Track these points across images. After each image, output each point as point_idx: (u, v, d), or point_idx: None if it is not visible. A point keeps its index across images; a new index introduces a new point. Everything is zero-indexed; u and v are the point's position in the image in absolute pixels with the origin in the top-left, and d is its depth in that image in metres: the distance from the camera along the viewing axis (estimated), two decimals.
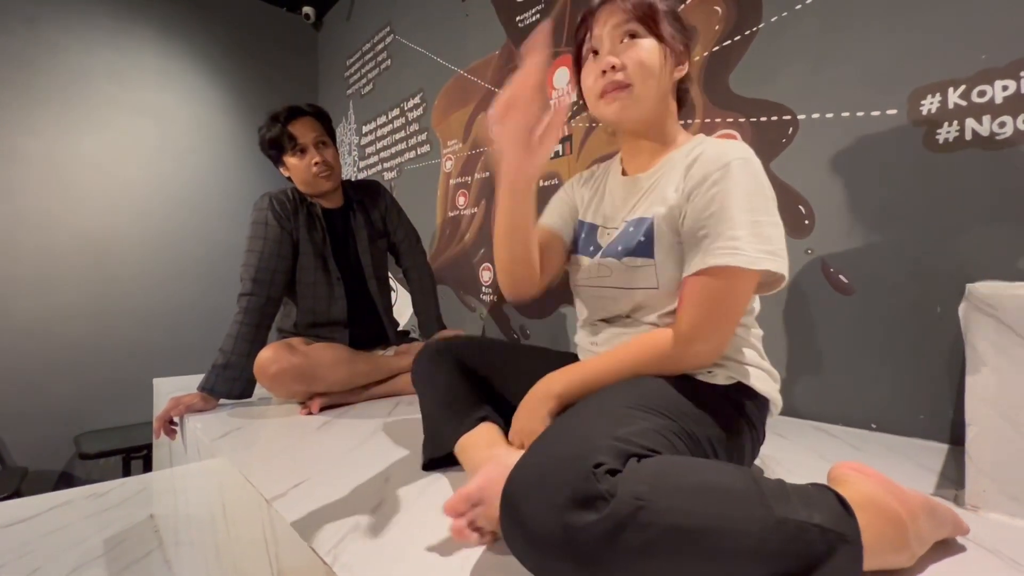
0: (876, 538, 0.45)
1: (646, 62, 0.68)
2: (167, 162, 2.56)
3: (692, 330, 0.62)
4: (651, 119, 0.73)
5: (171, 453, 1.35)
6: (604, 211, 0.79)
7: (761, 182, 0.64)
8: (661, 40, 0.69)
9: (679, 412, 0.58)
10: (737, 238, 0.60)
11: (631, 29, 0.69)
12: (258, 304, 1.25)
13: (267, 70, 2.91)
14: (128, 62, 2.46)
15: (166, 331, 2.49)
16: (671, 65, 0.71)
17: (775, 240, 0.61)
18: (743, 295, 0.63)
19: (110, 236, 2.38)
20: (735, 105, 1.19)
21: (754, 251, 0.59)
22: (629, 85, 0.68)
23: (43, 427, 2.17)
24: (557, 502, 0.39)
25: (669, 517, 0.39)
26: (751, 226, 0.60)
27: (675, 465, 0.45)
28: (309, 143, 1.31)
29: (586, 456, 0.41)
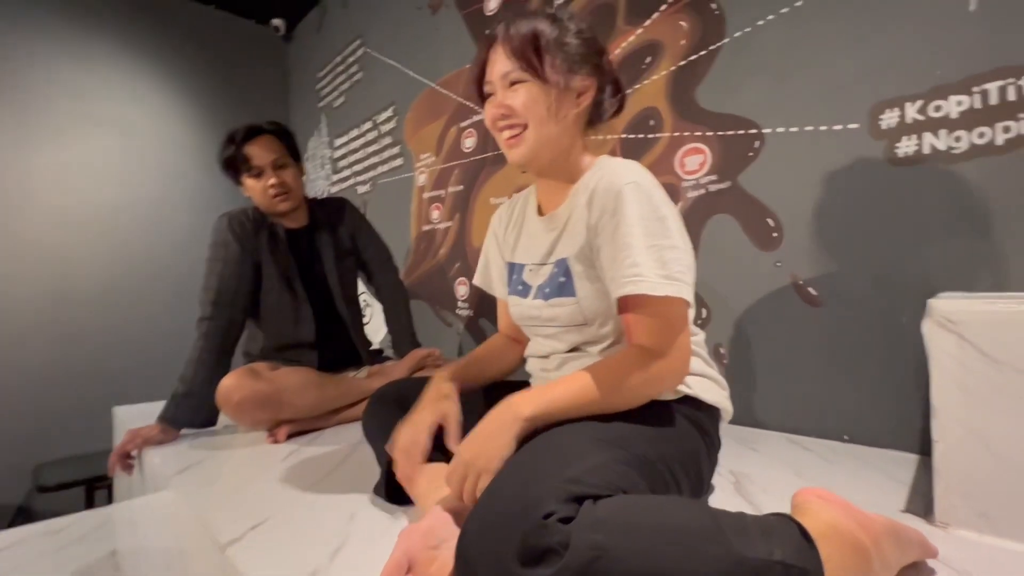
0: (839, 569, 0.45)
1: (529, 107, 0.68)
2: (132, 179, 2.48)
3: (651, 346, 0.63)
4: (555, 157, 0.72)
5: (130, 486, 1.29)
6: (528, 250, 0.80)
7: (655, 204, 0.64)
8: (545, 81, 0.68)
9: (630, 437, 0.58)
10: (637, 264, 0.61)
11: (516, 77, 0.69)
12: (219, 328, 1.20)
13: (237, 83, 2.85)
14: (91, 76, 2.39)
15: (128, 355, 2.39)
16: (567, 100, 0.70)
17: (671, 264, 0.62)
18: (673, 317, 0.63)
19: (70, 256, 2.29)
20: (702, 119, 1.20)
21: (655, 277, 0.61)
22: (525, 125, 0.69)
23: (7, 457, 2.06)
24: (508, 560, 0.38)
25: (627, 563, 0.38)
26: (648, 251, 0.62)
27: (630, 507, 0.43)
28: (265, 164, 1.27)
29: (535, 506, 0.40)
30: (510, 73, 0.68)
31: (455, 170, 1.92)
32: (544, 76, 0.67)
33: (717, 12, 1.17)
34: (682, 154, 1.24)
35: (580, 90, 0.71)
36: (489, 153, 1.77)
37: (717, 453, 0.72)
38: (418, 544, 0.49)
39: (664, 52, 1.27)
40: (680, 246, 0.63)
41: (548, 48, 0.68)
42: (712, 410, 0.70)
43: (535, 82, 0.68)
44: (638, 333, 0.63)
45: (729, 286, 1.17)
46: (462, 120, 1.88)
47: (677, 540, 0.41)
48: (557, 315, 0.73)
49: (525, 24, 0.69)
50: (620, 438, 0.56)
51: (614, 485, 0.47)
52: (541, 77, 0.68)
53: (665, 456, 0.59)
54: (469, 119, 1.85)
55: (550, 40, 0.68)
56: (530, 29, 0.69)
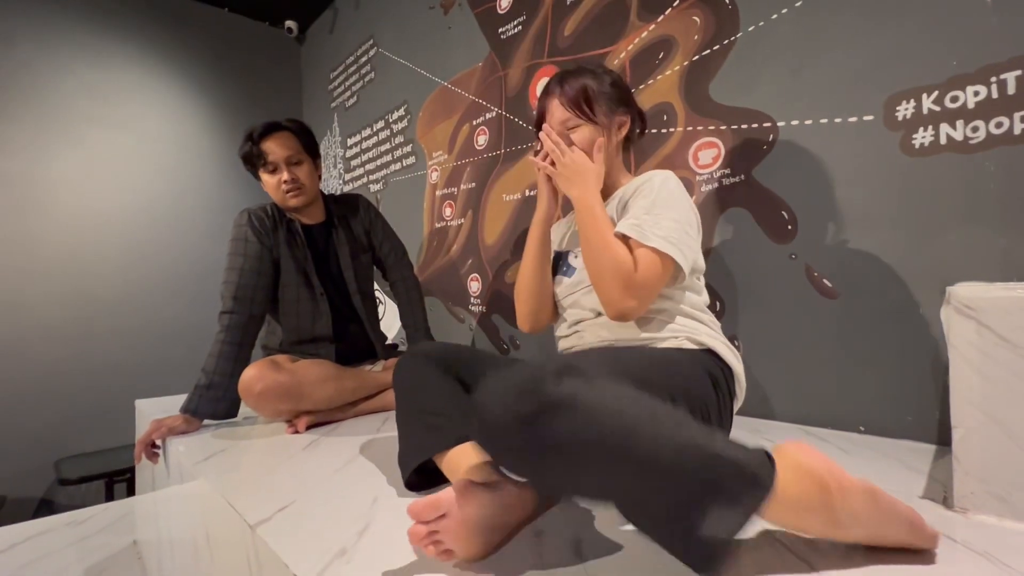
0: (795, 495, 0.47)
1: (583, 145, 0.88)
2: (149, 179, 2.53)
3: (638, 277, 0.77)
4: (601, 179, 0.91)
5: (154, 477, 1.32)
6: (573, 241, 0.98)
7: (671, 189, 0.83)
8: (598, 124, 0.89)
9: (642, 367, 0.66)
10: (638, 218, 0.80)
11: (573, 124, 0.89)
12: (240, 322, 1.23)
13: (250, 84, 2.89)
14: (109, 79, 2.44)
15: (149, 351, 2.44)
16: (611, 134, 0.91)
17: (673, 232, 0.78)
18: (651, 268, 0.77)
19: (91, 255, 2.34)
20: (716, 113, 1.21)
21: (650, 232, 0.77)
22: None
23: (21, 453, 2.11)
24: (509, 395, 0.47)
25: (597, 412, 0.46)
26: (653, 213, 0.80)
27: (615, 382, 0.51)
28: (280, 160, 1.29)
29: (541, 367, 0.49)
30: (567, 120, 0.89)
31: (467, 167, 1.94)
32: (596, 120, 0.89)
33: (731, 7, 1.18)
34: (696, 148, 1.24)
35: (619, 124, 0.92)
36: (501, 150, 1.79)
37: (731, 413, 0.80)
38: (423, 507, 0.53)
39: (677, 47, 1.28)
40: (682, 222, 0.80)
41: (596, 98, 0.89)
42: (729, 370, 0.80)
43: (589, 125, 0.89)
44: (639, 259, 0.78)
45: (743, 279, 1.17)
46: (474, 118, 1.90)
47: (647, 412, 0.48)
48: (585, 276, 0.87)
49: (575, 81, 0.89)
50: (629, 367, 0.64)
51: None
52: (593, 122, 0.89)
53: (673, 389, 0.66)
54: (482, 117, 1.86)
55: (596, 91, 0.89)
56: (580, 85, 0.89)
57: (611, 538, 0.59)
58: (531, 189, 1.67)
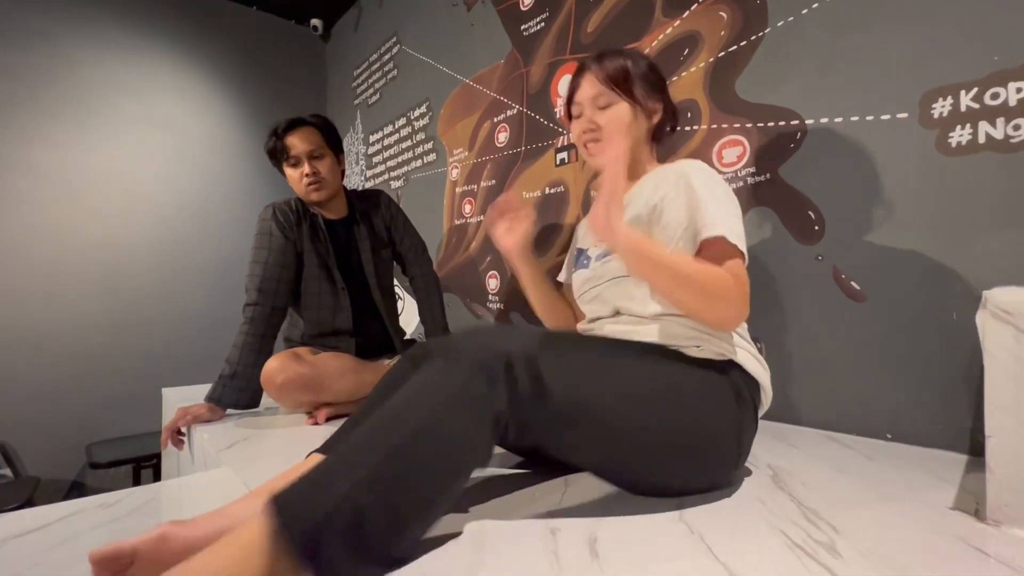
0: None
1: (621, 125, 0.86)
2: (178, 174, 2.60)
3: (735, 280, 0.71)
4: (631, 163, 0.88)
5: (179, 463, 1.35)
6: (592, 236, 0.94)
7: (717, 178, 0.80)
8: (634, 102, 0.86)
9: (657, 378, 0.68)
10: (713, 215, 0.74)
11: (606, 101, 0.86)
12: (263, 314, 1.25)
13: (276, 82, 2.95)
14: (141, 76, 2.51)
15: (175, 341, 2.51)
16: (643, 118, 0.88)
17: (735, 223, 0.75)
18: (742, 271, 0.73)
19: (121, 247, 2.42)
20: (742, 111, 1.18)
21: (726, 228, 0.72)
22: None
23: (55, 437, 2.19)
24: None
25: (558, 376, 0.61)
26: (720, 209, 0.75)
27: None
28: (302, 154, 1.31)
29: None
30: (599, 96, 0.86)
31: (488, 165, 1.94)
32: (634, 97, 0.86)
33: (759, 1, 1.15)
34: (720, 146, 1.22)
35: (652, 111, 0.89)
36: (522, 148, 1.78)
37: (755, 423, 0.76)
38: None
39: (703, 43, 1.26)
40: (736, 214, 0.77)
41: (636, 77, 0.86)
42: (753, 382, 0.76)
43: (623, 102, 0.86)
44: (721, 262, 0.72)
45: (767, 280, 1.15)
46: (496, 115, 1.90)
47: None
48: (607, 270, 0.86)
49: (614, 59, 0.87)
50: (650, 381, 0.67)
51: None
52: (631, 98, 0.86)
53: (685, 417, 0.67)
54: (503, 114, 1.86)
55: (637, 71, 0.87)
56: (619, 63, 0.87)
57: (627, 534, 0.59)
58: (551, 187, 1.67)
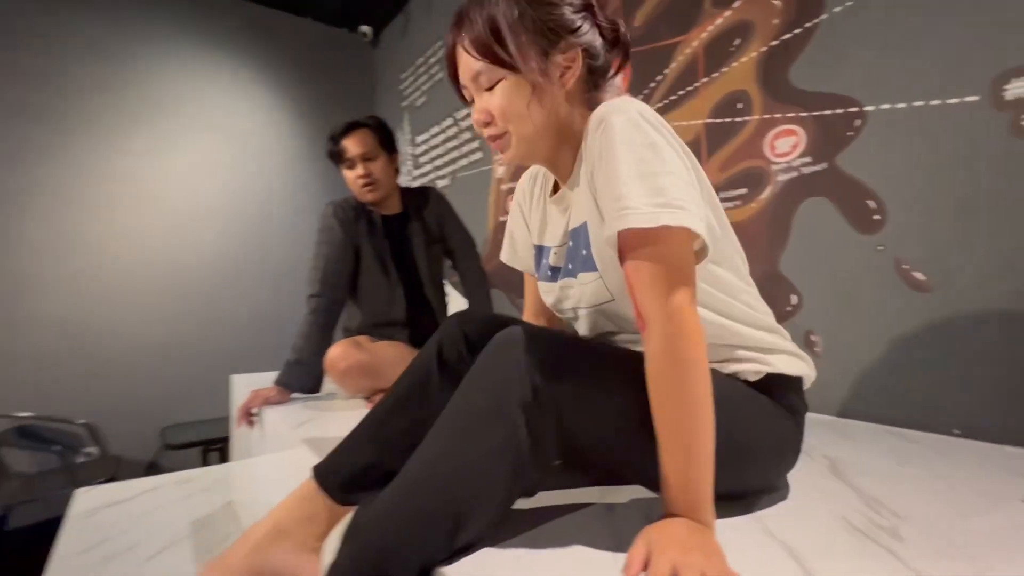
0: None
1: (506, 110, 0.60)
2: (241, 176, 2.77)
3: (650, 319, 0.50)
4: (553, 143, 0.64)
5: (249, 443, 1.46)
6: (551, 233, 0.73)
7: (644, 130, 0.53)
8: (525, 71, 0.59)
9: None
10: (623, 196, 0.51)
11: (488, 79, 0.60)
12: (326, 304, 1.33)
13: (328, 87, 3.08)
14: (206, 86, 2.69)
15: (241, 331, 2.68)
16: (550, 87, 0.60)
17: (670, 190, 0.50)
18: (671, 258, 0.50)
19: (191, 246, 2.60)
20: (796, 99, 1.16)
21: (646, 207, 0.50)
22: (505, 133, 0.63)
23: (135, 420, 2.39)
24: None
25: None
26: (636, 180, 0.51)
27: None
28: (356, 156, 1.38)
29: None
30: (480, 75, 0.61)
31: None
32: (517, 68, 0.59)
33: None
34: (772, 136, 1.20)
35: (564, 67, 0.61)
36: None
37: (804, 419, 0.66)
38: None
39: (754, 32, 1.24)
40: (678, 172, 0.52)
41: (513, 32, 0.58)
42: (795, 380, 0.65)
43: (510, 77, 0.59)
44: (642, 294, 0.51)
45: (823, 271, 1.12)
46: None
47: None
48: (583, 294, 0.65)
49: (478, 12, 0.59)
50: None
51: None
52: (515, 70, 0.59)
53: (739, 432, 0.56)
54: None
55: (512, 23, 0.58)
56: (486, 18, 0.59)
57: None
58: None
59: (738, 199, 1.27)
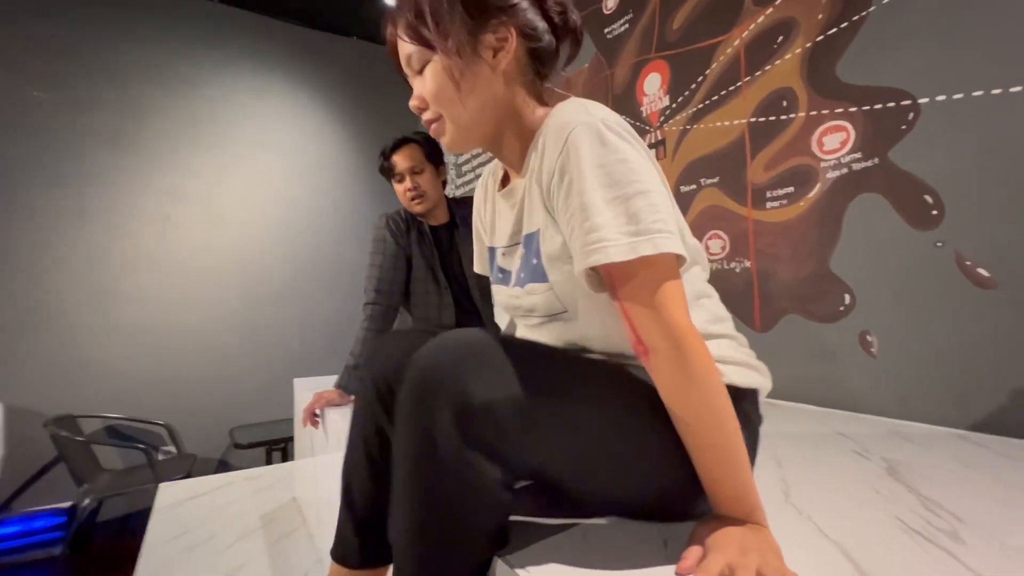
0: None
1: (436, 93, 0.58)
2: (297, 191, 2.94)
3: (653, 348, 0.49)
4: (493, 129, 0.61)
5: (313, 443, 1.55)
6: (499, 229, 0.68)
7: (612, 145, 0.50)
8: (447, 50, 0.56)
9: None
10: (598, 228, 0.48)
11: (418, 60, 0.58)
12: (381, 311, 1.41)
13: (374, 101, 3.22)
14: (264, 107, 2.88)
15: (303, 337, 2.85)
16: (479, 67, 0.57)
17: (645, 214, 0.48)
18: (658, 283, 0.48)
19: (254, 258, 2.79)
20: (845, 94, 1.14)
21: (622, 237, 0.47)
22: (440, 118, 0.60)
23: (206, 421, 2.58)
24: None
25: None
26: (609, 206, 0.48)
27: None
28: (404, 171, 1.46)
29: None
30: (411, 58, 0.59)
31: None
32: (438, 47, 0.56)
33: None
34: (820, 133, 1.18)
35: (495, 48, 0.58)
36: None
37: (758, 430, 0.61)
38: None
39: (798, 29, 1.23)
40: (651, 186, 0.49)
41: (435, 11, 0.56)
42: (747, 392, 0.58)
43: (436, 59, 0.57)
44: (639, 325, 0.49)
45: (877, 269, 1.09)
46: None
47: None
48: (535, 304, 0.61)
49: None
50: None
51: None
52: (436, 50, 0.56)
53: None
54: None
55: (437, 2, 0.56)
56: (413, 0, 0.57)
57: None
58: None
59: (784, 198, 1.25)
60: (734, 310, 1.37)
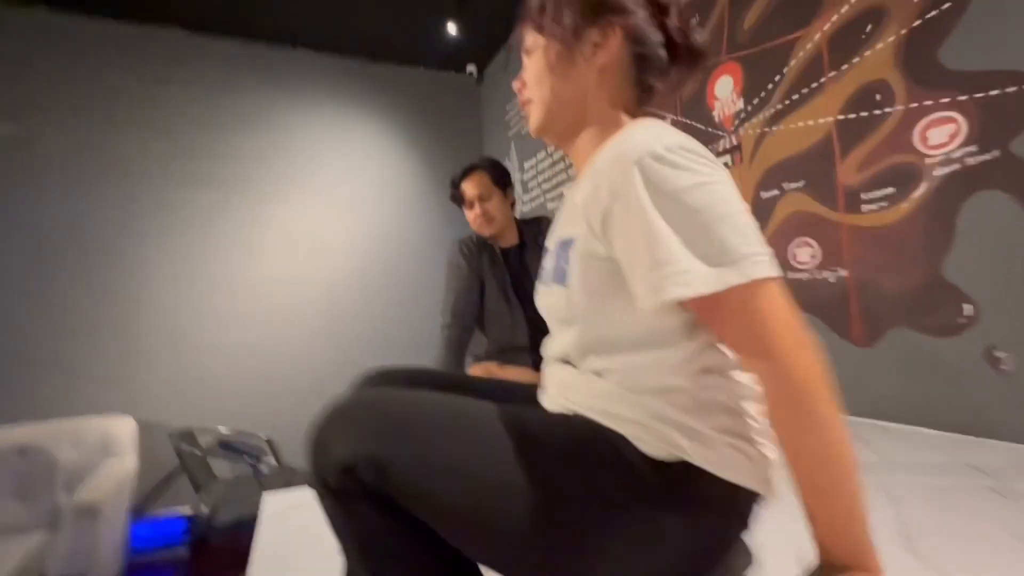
0: None
1: (533, 75, 0.62)
2: (372, 217, 3.12)
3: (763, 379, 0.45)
4: (573, 123, 0.61)
5: None
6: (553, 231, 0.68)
7: (688, 168, 0.47)
8: (551, 36, 0.59)
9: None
10: (674, 260, 0.45)
11: (530, 45, 0.62)
12: (457, 335, 1.45)
13: (442, 127, 3.35)
14: (341, 140, 3.09)
15: (384, 354, 2.99)
16: (577, 54, 0.58)
17: (730, 238, 0.44)
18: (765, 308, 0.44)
19: (335, 281, 2.98)
20: (951, 82, 1.02)
21: (703, 267, 0.44)
22: (530, 100, 0.63)
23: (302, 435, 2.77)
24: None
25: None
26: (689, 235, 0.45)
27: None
28: (473, 198, 1.50)
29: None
30: (525, 42, 0.63)
31: None
32: (544, 31, 0.59)
33: None
34: (923, 127, 1.07)
35: (597, 42, 0.58)
36: None
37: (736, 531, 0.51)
38: None
39: (889, 16, 1.12)
40: (732, 212, 0.46)
41: (554, 2, 0.59)
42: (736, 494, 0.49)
43: (542, 43, 0.60)
44: (746, 359, 0.46)
45: (1002, 276, 0.96)
46: None
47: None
48: (549, 304, 0.61)
49: None
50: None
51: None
52: (542, 31, 0.60)
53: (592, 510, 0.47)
54: None
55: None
56: None
57: None
58: None
59: (884, 200, 1.14)
60: (828, 322, 1.26)
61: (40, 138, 2.48)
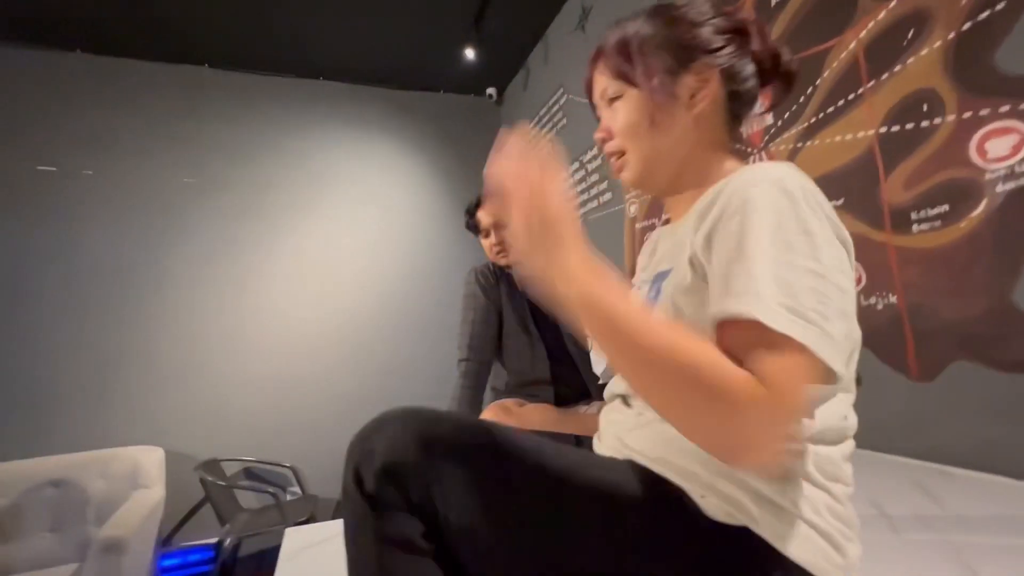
0: None
1: (625, 127, 0.59)
2: (394, 243, 3.12)
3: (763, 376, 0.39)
4: (675, 173, 0.59)
5: None
6: (647, 270, 0.65)
7: (800, 211, 0.43)
8: (646, 87, 0.57)
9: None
10: (754, 278, 0.41)
11: (613, 92, 0.60)
12: (475, 368, 1.39)
13: (462, 150, 3.36)
14: (361, 165, 3.13)
15: (405, 385, 2.96)
16: (675, 107, 0.57)
17: (804, 295, 0.40)
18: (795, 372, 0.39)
19: (358, 310, 2.99)
20: (1011, 89, 0.92)
21: (773, 302, 0.40)
22: (623, 152, 0.60)
23: (327, 463, 2.75)
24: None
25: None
26: (773, 266, 0.41)
27: None
28: (489, 226, 1.46)
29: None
30: (607, 89, 0.60)
31: None
32: (637, 83, 0.57)
33: None
34: (980, 139, 0.97)
35: (693, 89, 0.57)
36: None
37: None
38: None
39: (933, 20, 1.03)
40: (826, 276, 0.41)
41: (641, 51, 0.57)
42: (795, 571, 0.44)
43: (631, 93, 0.58)
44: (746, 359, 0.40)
45: None
46: None
47: None
48: None
49: (616, 30, 0.60)
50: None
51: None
52: (635, 85, 0.57)
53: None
54: None
55: (643, 40, 0.57)
56: (619, 35, 0.59)
57: None
58: None
59: (937, 219, 1.04)
60: (879, 353, 1.15)
61: (75, 174, 2.59)
